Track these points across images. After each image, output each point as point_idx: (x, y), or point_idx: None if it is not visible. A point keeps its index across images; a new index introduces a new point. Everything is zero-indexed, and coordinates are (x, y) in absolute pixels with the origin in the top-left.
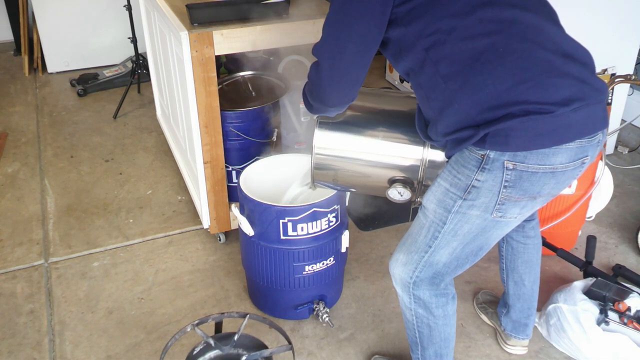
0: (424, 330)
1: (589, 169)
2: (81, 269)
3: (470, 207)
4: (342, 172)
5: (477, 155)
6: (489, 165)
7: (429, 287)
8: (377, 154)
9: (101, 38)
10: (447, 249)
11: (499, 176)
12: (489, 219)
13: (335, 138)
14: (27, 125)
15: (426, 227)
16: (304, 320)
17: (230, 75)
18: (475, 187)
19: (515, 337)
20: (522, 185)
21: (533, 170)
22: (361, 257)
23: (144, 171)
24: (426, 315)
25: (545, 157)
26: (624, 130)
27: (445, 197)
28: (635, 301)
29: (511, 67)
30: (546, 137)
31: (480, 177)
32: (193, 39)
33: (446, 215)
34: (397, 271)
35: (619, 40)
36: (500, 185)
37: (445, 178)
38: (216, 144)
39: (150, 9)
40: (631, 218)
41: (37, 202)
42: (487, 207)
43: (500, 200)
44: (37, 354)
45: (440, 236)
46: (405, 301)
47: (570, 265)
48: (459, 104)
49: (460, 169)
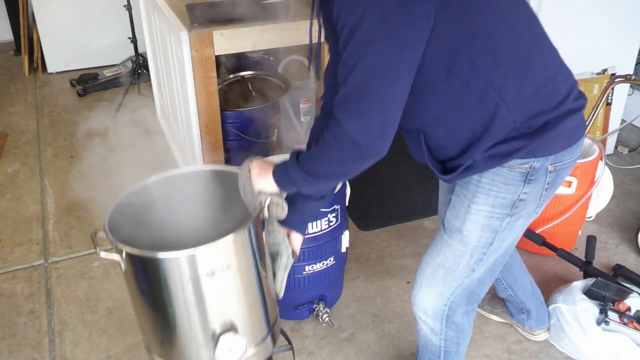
0: (451, 349)
1: (589, 169)
2: (81, 269)
3: (517, 220)
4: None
5: (521, 169)
6: (535, 175)
7: (464, 307)
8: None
9: (101, 38)
10: (487, 265)
11: (543, 182)
12: (528, 222)
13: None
14: (27, 125)
15: (468, 254)
16: (304, 320)
17: (230, 75)
18: (523, 200)
19: (540, 328)
20: (557, 183)
21: (566, 166)
22: (361, 257)
23: (144, 171)
24: (457, 335)
25: (574, 150)
26: (624, 130)
27: (490, 220)
28: (635, 301)
29: (551, 65)
30: (576, 131)
31: (527, 189)
32: (193, 39)
33: (493, 236)
34: (430, 303)
35: (619, 40)
36: (542, 190)
37: (484, 203)
38: (216, 144)
39: (150, 9)
40: (631, 218)
41: (37, 202)
42: (529, 213)
43: (541, 202)
44: (37, 354)
45: (485, 257)
46: (435, 329)
47: (570, 265)
48: (508, 111)
49: (502, 187)
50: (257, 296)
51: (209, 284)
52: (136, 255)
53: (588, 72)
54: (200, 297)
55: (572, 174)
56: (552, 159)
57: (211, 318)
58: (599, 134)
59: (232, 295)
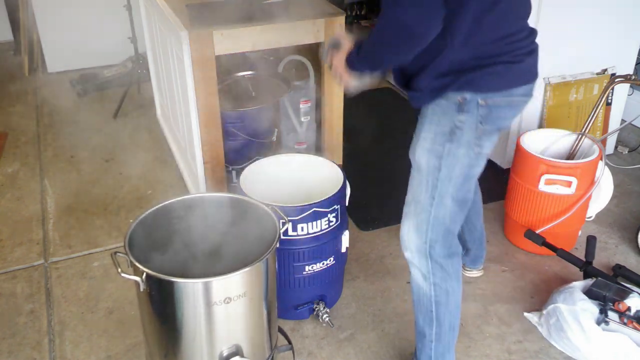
0: (442, 299)
1: (589, 169)
2: (81, 269)
3: (457, 147)
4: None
5: (455, 100)
6: (467, 106)
7: (443, 247)
8: None
9: (101, 38)
10: (447, 198)
11: (475, 114)
12: (472, 154)
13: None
14: (27, 125)
15: (424, 181)
16: (304, 320)
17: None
18: (459, 127)
19: (473, 267)
20: (493, 120)
21: (500, 107)
22: (361, 257)
23: (144, 171)
24: (444, 279)
25: (508, 94)
26: (624, 130)
27: (434, 146)
28: (635, 301)
29: (512, 17)
30: (510, 78)
31: (462, 118)
32: (193, 39)
33: (439, 161)
34: (412, 238)
35: (619, 40)
36: (477, 121)
37: (428, 130)
38: (216, 144)
39: (150, 9)
40: (631, 218)
41: (37, 202)
42: (469, 143)
43: (477, 135)
44: (37, 354)
45: (439, 184)
46: (423, 270)
47: (570, 265)
48: (462, 52)
49: (441, 117)
50: (264, 321)
51: (223, 310)
52: (155, 277)
53: (588, 72)
54: (212, 321)
55: (572, 174)
56: (482, 95)
57: (219, 341)
58: (599, 134)
59: (242, 321)
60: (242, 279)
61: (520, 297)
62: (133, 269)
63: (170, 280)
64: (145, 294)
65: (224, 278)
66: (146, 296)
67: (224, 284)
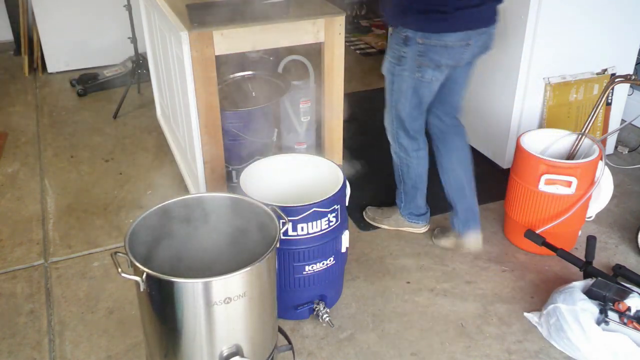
0: (404, 169)
1: (589, 169)
2: (81, 269)
3: (402, 70)
4: None
5: (402, 35)
6: (409, 41)
7: (405, 135)
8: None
9: (101, 38)
10: (401, 104)
11: (415, 48)
12: (415, 78)
13: None
14: (27, 125)
15: (388, 90)
16: (304, 320)
17: (230, 75)
18: (403, 56)
19: (463, 232)
20: (429, 55)
21: (435, 47)
22: (361, 257)
23: (144, 171)
24: (405, 157)
25: (441, 37)
26: (624, 130)
27: (390, 66)
28: (635, 301)
29: None
30: (445, 27)
31: (405, 49)
32: (193, 39)
33: (392, 78)
34: (388, 127)
35: (619, 40)
36: (416, 54)
37: (388, 53)
38: (216, 144)
39: (150, 9)
40: (631, 218)
41: (37, 202)
42: (411, 69)
43: (417, 64)
44: (37, 354)
45: (394, 93)
46: (395, 148)
47: (570, 265)
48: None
49: (394, 47)
50: (264, 321)
51: (223, 310)
52: (155, 277)
53: (588, 72)
54: (212, 321)
55: (572, 174)
56: (420, 34)
57: (219, 341)
58: (599, 134)
59: (242, 321)
60: (242, 279)
61: (520, 297)
62: (133, 269)
63: (170, 280)
64: (145, 294)
65: (224, 278)
66: (146, 296)
67: (224, 284)
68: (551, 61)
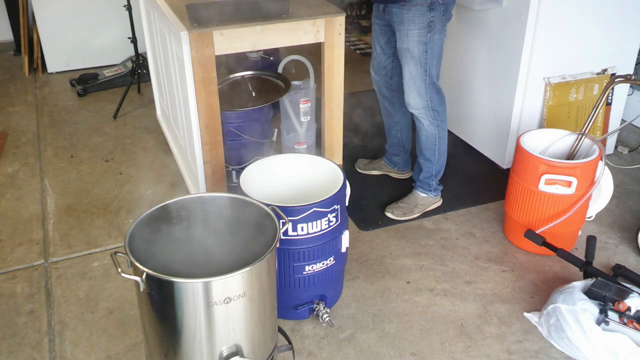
0: (442, 135)
1: (589, 169)
2: (81, 269)
3: (434, 34)
4: None
5: (427, 3)
6: (434, 5)
7: (437, 97)
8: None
9: (101, 38)
10: (434, 67)
11: (439, 10)
12: (442, 37)
13: None
14: (27, 125)
15: (418, 61)
16: (304, 320)
17: (230, 75)
18: (432, 21)
19: (406, 170)
20: (449, 11)
21: (449, 2)
22: (361, 257)
23: (144, 171)
24: (441, 122)
25: None
26: (624, 130)
27: (420, 37)
28: (635, 301)
29: None
30: None
31: (432, 14)
32: (193, 39)
33: (425, 47)
34: (417, 102)
35: (619, 40)
36: (441, 14)
37: (413, 28)
38: (216, 144)
39: (150, 9)
40: (631, 218)
41: (37, 202)
42: (440, 30)
43: (443, 23)
44: (37, 354)
45: (427, 61)
46: (430, 119)
47: (570, 265)
48: None
49: (418, 18)
50: (264, 321)
51: (223, 310)
52: (155, 277)
53: (588, 72)
54: (212, 321)
55: (572, 174)
56: None
57: (219, 341)
58: (599, 134)
59: (242, 321)
60: (242, 279)
61: (520, 297)
62: (133, 269)
63: (170, 280)
64: (145, 294)
65: (224, 278)
66: (146, 296)
67: (224, 284)
68: (551, 61)
